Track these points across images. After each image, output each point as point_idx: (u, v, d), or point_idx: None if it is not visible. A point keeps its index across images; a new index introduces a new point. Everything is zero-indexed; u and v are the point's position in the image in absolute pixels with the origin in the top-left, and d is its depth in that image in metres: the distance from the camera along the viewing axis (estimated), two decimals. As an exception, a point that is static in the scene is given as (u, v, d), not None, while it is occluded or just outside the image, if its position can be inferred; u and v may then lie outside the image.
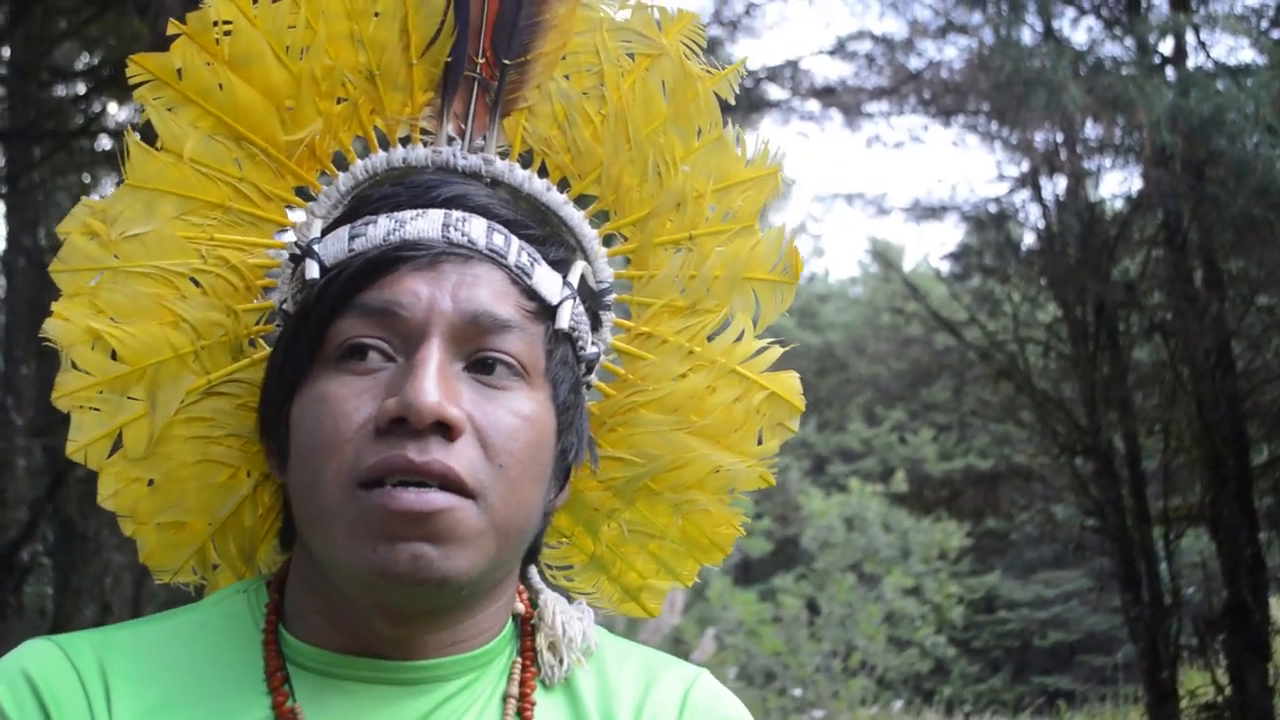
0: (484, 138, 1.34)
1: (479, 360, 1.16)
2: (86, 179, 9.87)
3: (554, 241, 1.26)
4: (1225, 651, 10.10)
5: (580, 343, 1.28)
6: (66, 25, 8.93)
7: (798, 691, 17.07)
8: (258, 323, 1.33)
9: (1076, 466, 11.17)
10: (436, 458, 1.10)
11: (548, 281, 1.23)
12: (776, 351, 1.39)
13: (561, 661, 1.27)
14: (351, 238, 1.21)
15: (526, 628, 1.29)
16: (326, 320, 1.17)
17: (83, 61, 10.01)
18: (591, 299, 1.32)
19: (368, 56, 1.32)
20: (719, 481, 1.39)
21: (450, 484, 1.11)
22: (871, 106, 12.08)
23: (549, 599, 1.31)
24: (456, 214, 1.20)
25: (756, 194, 1.37)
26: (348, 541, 1.12)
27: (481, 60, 1.33)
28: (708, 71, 1.36)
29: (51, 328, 1.29)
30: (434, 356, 1.12)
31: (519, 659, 1.26)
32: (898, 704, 18.02)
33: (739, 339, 1.37)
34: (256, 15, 1.28)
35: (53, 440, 8.29)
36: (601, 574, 1.46)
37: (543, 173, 1.35)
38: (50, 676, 1.15)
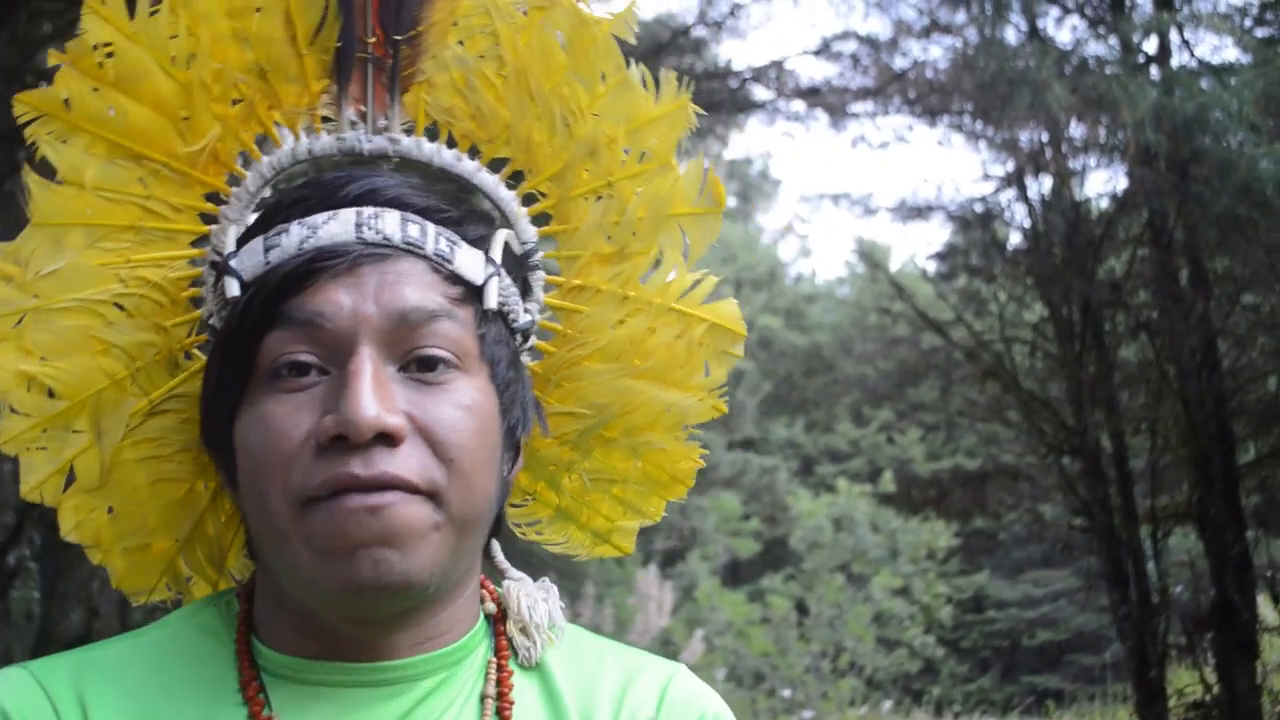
0: (386, 117, 1.31)
1: (414, 360, 1.15)
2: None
3: (471, 220, 1.24)
4: (1213, 650, 10.12)
5: (511, 316, 1.26)
6: (51, 28, 8.90)
7: (787, 692, 17.09)
8: (189, 335, 1.31)
9: (1064, 466, 11.19)
10: (384, 470, 1.09)
11: (470, 262, 1.21)
12: (711, 281, 1.37)
13: (535, 642, 1.27)
14: (267, 249, 1.18)
15: (499, 627, 1.29)
16: (253, 338, 1.15)
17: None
18: (518, 265, 1.30)
19: (255, 53, 1.28)
20: (671, 419, 1.38)
21: (401, 488, 1.10)
22: (857, 106, 12.08)
23: (512, 585, 1.31)
24: (368, 210, 1.18)
25: (669, 130, 1.34)
26: (307, 558, 1.11)
27: (372, 40, 1.30)
28: (603, 16, 1.33)
29: None
30: (366, 366, 1.11)
31: (494, 659, 1.26)
32: (887, 704, 18.03)
33: (671, 276, 1.36)
34: (135, 31, 1.24)
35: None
36: (570, 524, 1.46)
37: (451, 144, 1.33)
38: (24, 706, 1.14)
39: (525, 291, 1.31)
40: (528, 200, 1.34)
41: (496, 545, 1.34)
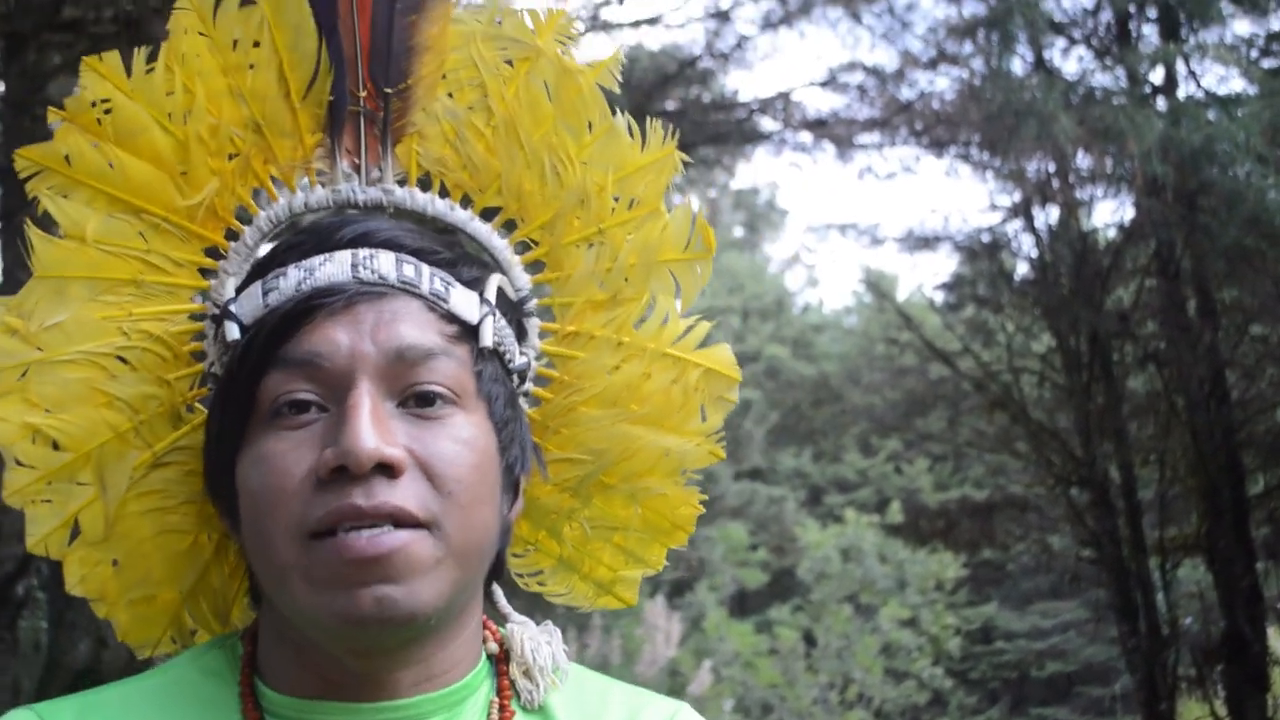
0: (379, 169, 1.33)
1: (412, 396, 1.16)
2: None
3: (465, 261, 1.26)
4: (1224, 682, 10.10)
5: (507, 356, 1.27)
6: (60, 60, 8.94)
7: (795, 724, 17.02)
8: (192, 388, 1.32)
9: (1072, 497, 11.18)
10: (384, 500, 1.10)
11: (465, 302, 1.22)
12: (704, 327, 1.38)
13: (538, 685, 1.28)
14: (265, 293, 1.20)
15: (501, 666, 1.29)
16: (253, 379, 1.17)
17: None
18: (512, 310, 1.32)
19: (250, 108, 1.31)
20: (669, 465, 1.39)
21: (402, 521, 1.11)
22: (864, 138, 12.09)
23: (515, 628, 1.31)
24: (364, 252, 1.19)
25: (657, 177, 1.36)
26: (308, 594, 1.11)
27: (363, 93, 1.32)
28: (587, 65, 1.36)
29: None
30: (364, 401, 1.12)
31: (496, 699, 1.26)
32: (895, 736, 17.96)
33: (665, 322, 1.37)
34: (133, 88, 1.27)
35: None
36: (572, 574, 1.47)
37: (444, 193, 1.35)
38: None
39: (520, 336, 1.33)
40: (520, 248, 1.36)
41: (498, 590, 1.35)
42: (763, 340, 26.38)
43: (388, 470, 1.10)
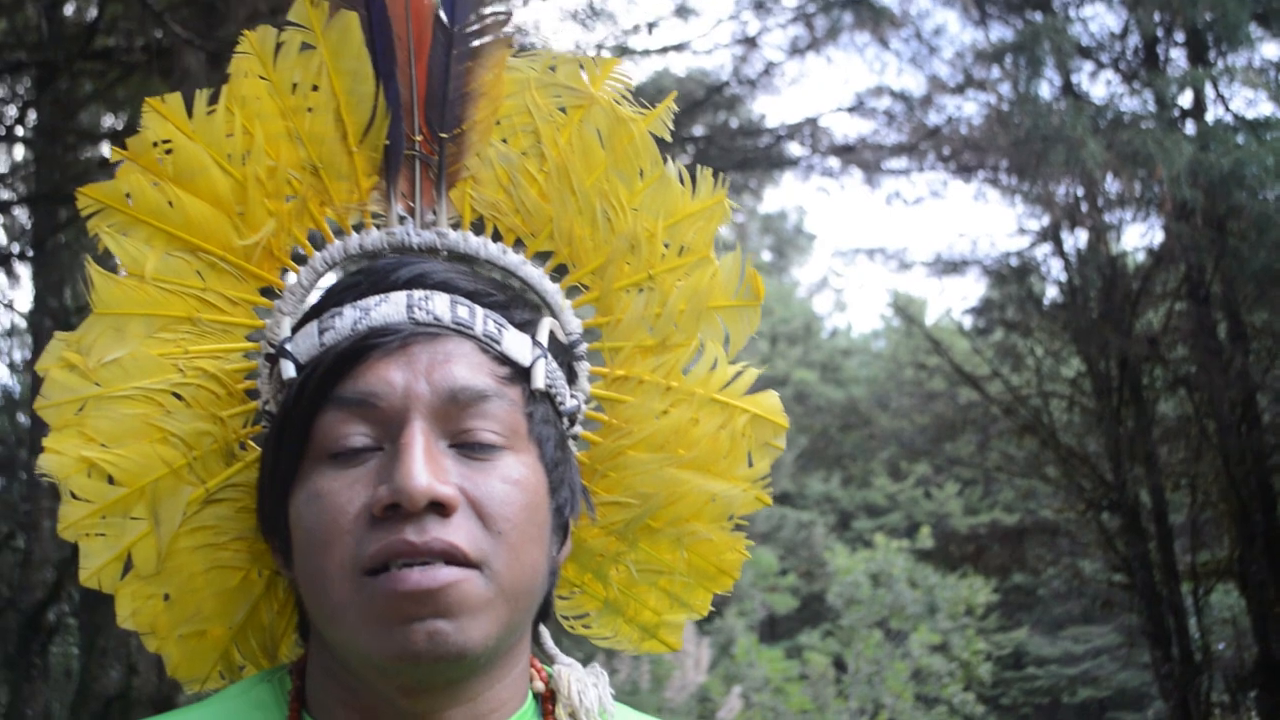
0: (434, 212, 1.35)
1: (464, 438, 1.17)
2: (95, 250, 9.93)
3: (518, 304, 1.27)
4: (1257, 708, 10.03)
5: (559, 398, 1.28)
6: (92, 89, 9.02)
7: (825, 750, 16.95)
8: (245, 425, 1.33)
9: (1103, 521, 11.14)
10: (436, 536, 1.10)
11: (517, 344, 1.23)
12: (753, 374, 1.39)
13: None
14: (321, 331, 1.21)
15: (547, 706, 1.30)
16: (308, 418, 1.18)
17: (108, 124, 10.12)
18: (563, 353, 1.33)
19: (308, 151, 1.33)
20: (716, 510, 1.40)
21: (454, 559, 1.11)
22: (891, 163, 12.11)
23: (563, 670, 1.31)
24: (419, 293, 1.21)
25: (707, 224, 1.38)
26: (363, 630, 1.12)
27: (419, 137, 1.34)
28: (640, 113, 1.37)
29: (45, 463, 1.30)
30: (418, 440, 1.13)
31: None
32: (926, 762, 17.86)
33: (713, 368, 1.38)
34: (194, 129, 1.30)
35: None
36: (617, 617, 1.47)
37: (496, 237, 1.37)
38: None
39: (571, 379, 1.34)
40: (571, 293, 1.37)
41: (545, 632, 1.36)
42: (791, 364, 26.34)
43: (440, 509, 1.11)
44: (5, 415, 12.41)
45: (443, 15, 1.35)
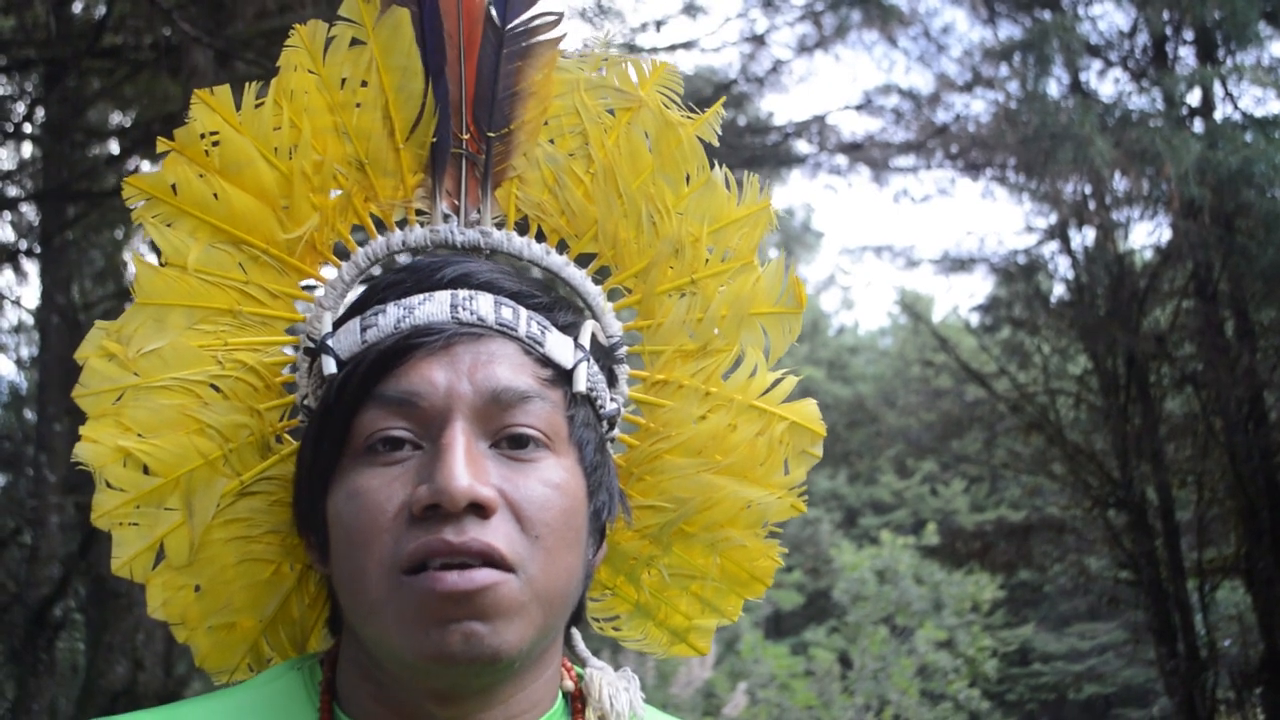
0: (478, 210, 1.36)
1: (505, 438, 1.17)
2: (120, 236, 9.96)
3: (561, 306, 1.28)
4: (1263, 705, 10.02)
5: (599, 401, 1.29)
6: (100, 86, 9.01)
7: (831, 746, 16.94)
8: (281, 419, 1.34)
9: (1109, 518, 11.13)
10: (474, 536, 1.11)
11: (560, 347, 1.24)
12: (791, 382, 1.40)
13: None
14: (364, 329, 1.22)
15: (576, 705, 1.30)
16: (349, 415, 1.19)
17: (116, 121, 10.11)
18: (604, 355, 1.33)
19: (354, 146, 1.34)
20: (751, 516, 1.40)
21: (491, 561, 1.11)
22: (899, 160, 12.11)
23: (594, 674, 1.32)
24: (463, 293, 1.22)
25: (751, 231, 1.39)
26: (399, 629, 1.13)
27: (466, 136, 1.35)
28: (688, 117, 1.38)
29: (82, 451, 1.31)
30: (459, 440, 1.14)
31: None
32: (932, 759, 17.85)
33: (753, 374, 1.39)
34: (241, 122, 1.31)
35: (85, 497, 8.32)
36: (648, 620, 1.48)
37: (540, 237, 1.37)
38: None
39: (611, 381, 1.34)
40: (613, 295, 1.38)
41: (577, 634, 1.36)
42: (798, 362, 26.07)
43: (480, 510, 1.12)
44: (12, 412, 12.44)
45: (494, 14, 1.35)
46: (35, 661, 7.82)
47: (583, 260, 1.37)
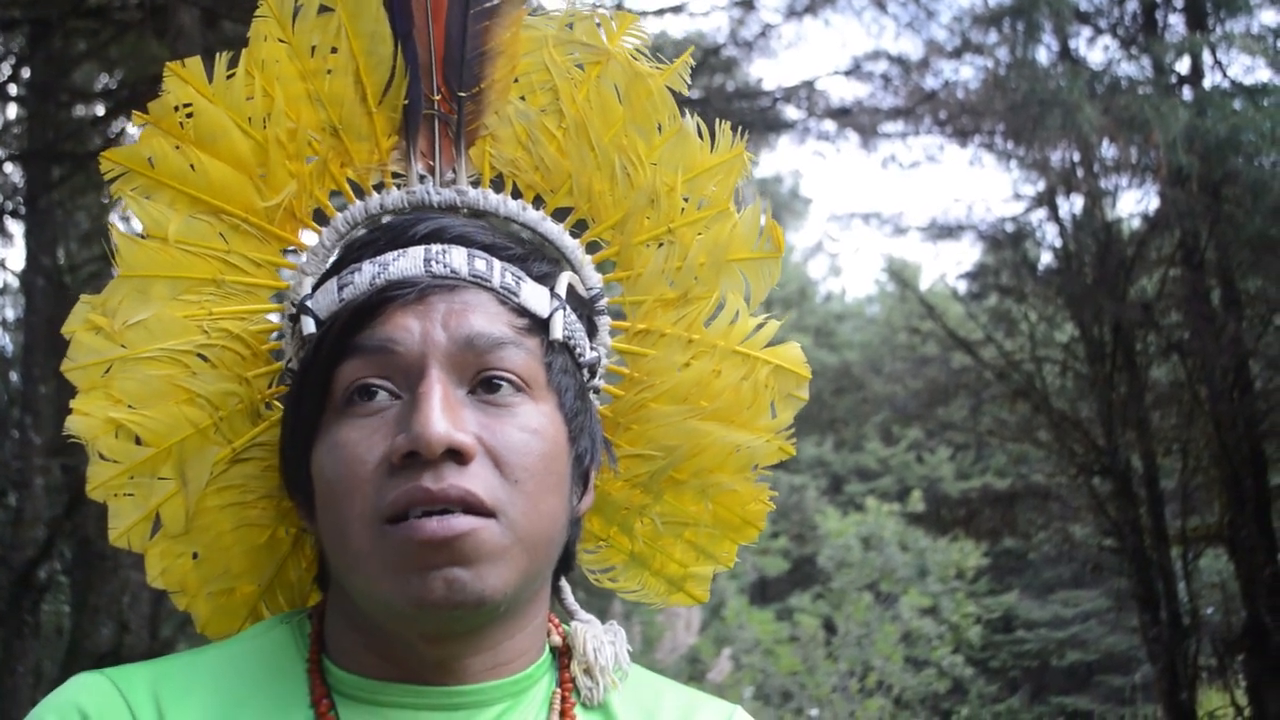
0: (454, 170, 1.37)
1: (482, 381, 1.18)
2: (105, 200, 9.92)
3: (536, 257, 1.29)
4: (1244, 672, 10.09)
5: (578, 350, 1.30)
6: (86, 47, 8.97)
7: (814, 711, 17.04)
8: (270, 386, 1.36)
9: (1094, 486, 11.17)
10: (453, 483, 1.12)
11: (535, 296, 1.25)
12: (774, 326, 1.41)
13: (598, 684, 1.30)
14: (340, 288, 1.23)
15: (564, 660, 1.32)
16: (328, 368, 1.20)
17: (102, 83, 10.07)
18: (583, 306, 1.35)
19: (328, 113, 1.35)
20: (740, 461, 1.41)
21: (471, 506, 1.13)
22: (887, 126, 12.07)
23: (580, 627, 1.33)
24: (436, 247, 1.23)
25: (726, 178, 1.39)
26: (382, 578, 1.14)
27: (437, 97, 1.36)
28: (657, 68, 1.38)
29: (73, 424, 1.31)
30: (436, 388, 1.15)
31: (558, 690, 1.29)
32: (915, 724, 17.95)
33: (734, 320, 1.39)
34: (214, 93, 1.31)
35: (71, 459, 8.31)
36: (644, 570, 1.49)
37: (516, 194, 1.38)
38: (103, 710, 1.17)
39: (591, 332, 1.35)
40: (591, 248, 1.39)
41: (567, 587, 1.38)
42: (785, 329, 26.23)
43: (458, 456, 1.13)
44: (-2, 373, 12.40)
45: None
46: (20, 624, 7.83)
47: (559, 215, 1.38)
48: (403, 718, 1.20)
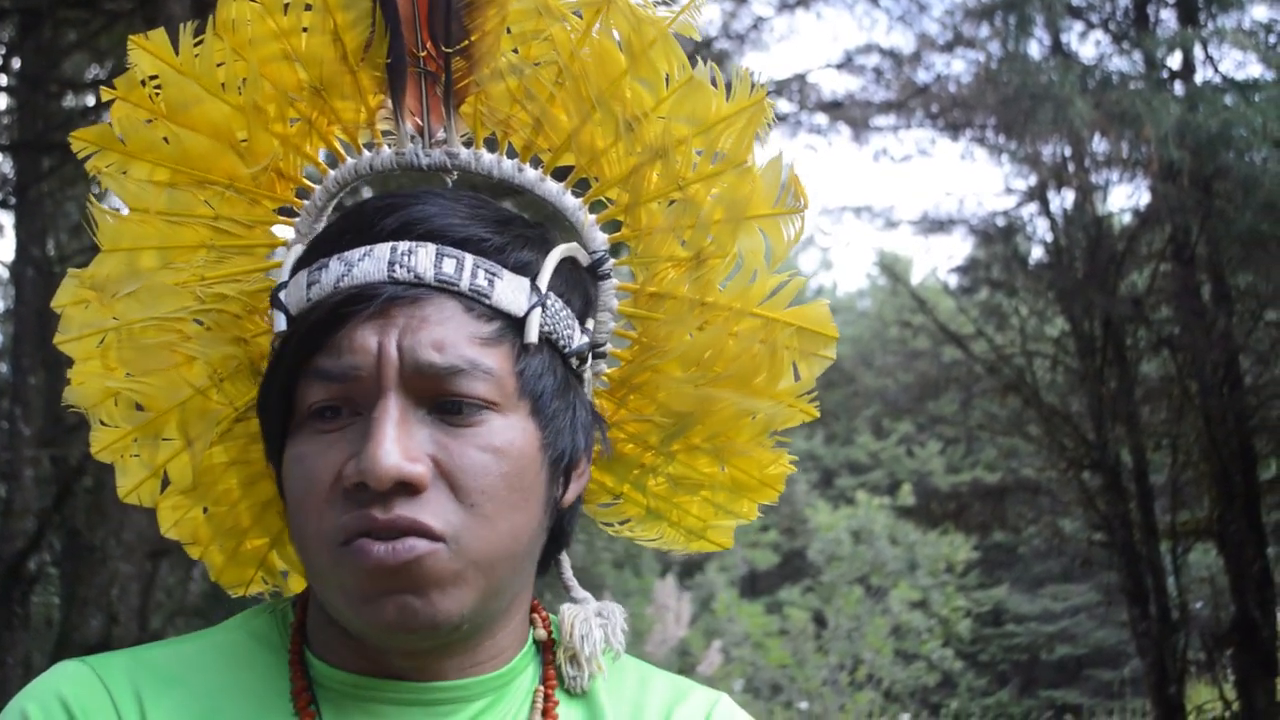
0: (444, 130, 1.28)
1: (442, 404, 1.13)
2: (96, 190, 9.88)
3: (517, 245, 1.20)
4: (1233, 666, 10.11)
5: (561, 342, 1.22)
6: (76, 37, 8.95)
7: (804, 704, 17.07)
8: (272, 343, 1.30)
9: (1084, 480, 11.17)
10: (400, 514, 1.08)
11: (510, 294, 1.17)
12: (799, 283, 1.30)
13: (583, 671, 1.27)
14: (309, 285, 1.17)
15: (548, 654, 1.29)
16: (289, 384, 1.16)
17: (92, 73, 10.04)
18: (580, 281, 1.27)
19: (308, 73, 1.27)
20: (756, 426, 1.33)
21: (422, 534, 1.09)
22: (879, 120, 12.09)
23: (566, 611, 1.29)
24: (403, 246, 1.15)
25: (745, 129, 1.27)
26: (341, 598, 1.12)
27: (423, 53, 1.27)
28: (664, 9, 1.27)
29: (72, 394, 1.30)
30: (389, 414, 1.10)
31: (541, 686, 1.26)
32: (904, 717, 17.98)
33: (752, 280, 1.28)
34: (181, 62, 1.25)
35: (61, 450, 8.30)
36: (661, 522, 1.43)
37: (512, 154, 1.29)
38: (84, 698, 1.15)
39: (588, 306, 1.28)
40: (596, 208, 1.30)
41: (566, 561, 1.33)
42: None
43: (408, 488, 1.09)
44: (-13, 363, 12.37)
45: None
46: (10, 615, 7.81)
47: (559, 175, 1.29)
48: (387, 713, 1.18)
